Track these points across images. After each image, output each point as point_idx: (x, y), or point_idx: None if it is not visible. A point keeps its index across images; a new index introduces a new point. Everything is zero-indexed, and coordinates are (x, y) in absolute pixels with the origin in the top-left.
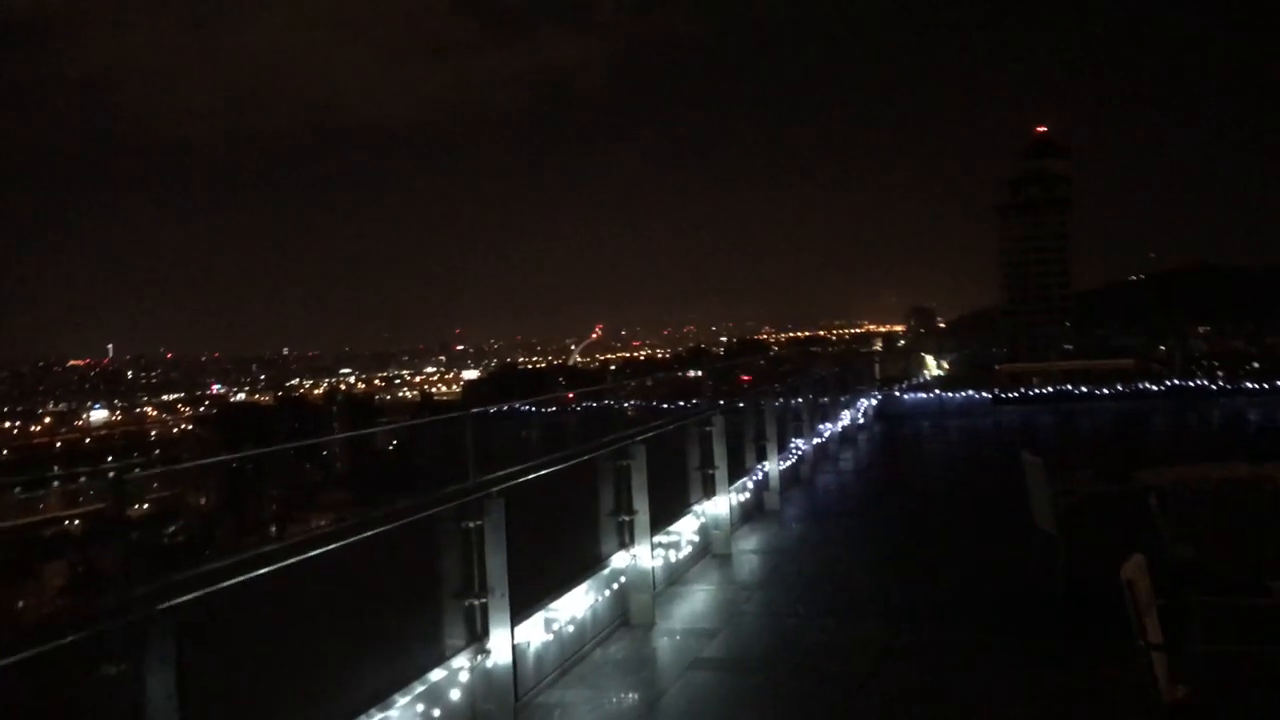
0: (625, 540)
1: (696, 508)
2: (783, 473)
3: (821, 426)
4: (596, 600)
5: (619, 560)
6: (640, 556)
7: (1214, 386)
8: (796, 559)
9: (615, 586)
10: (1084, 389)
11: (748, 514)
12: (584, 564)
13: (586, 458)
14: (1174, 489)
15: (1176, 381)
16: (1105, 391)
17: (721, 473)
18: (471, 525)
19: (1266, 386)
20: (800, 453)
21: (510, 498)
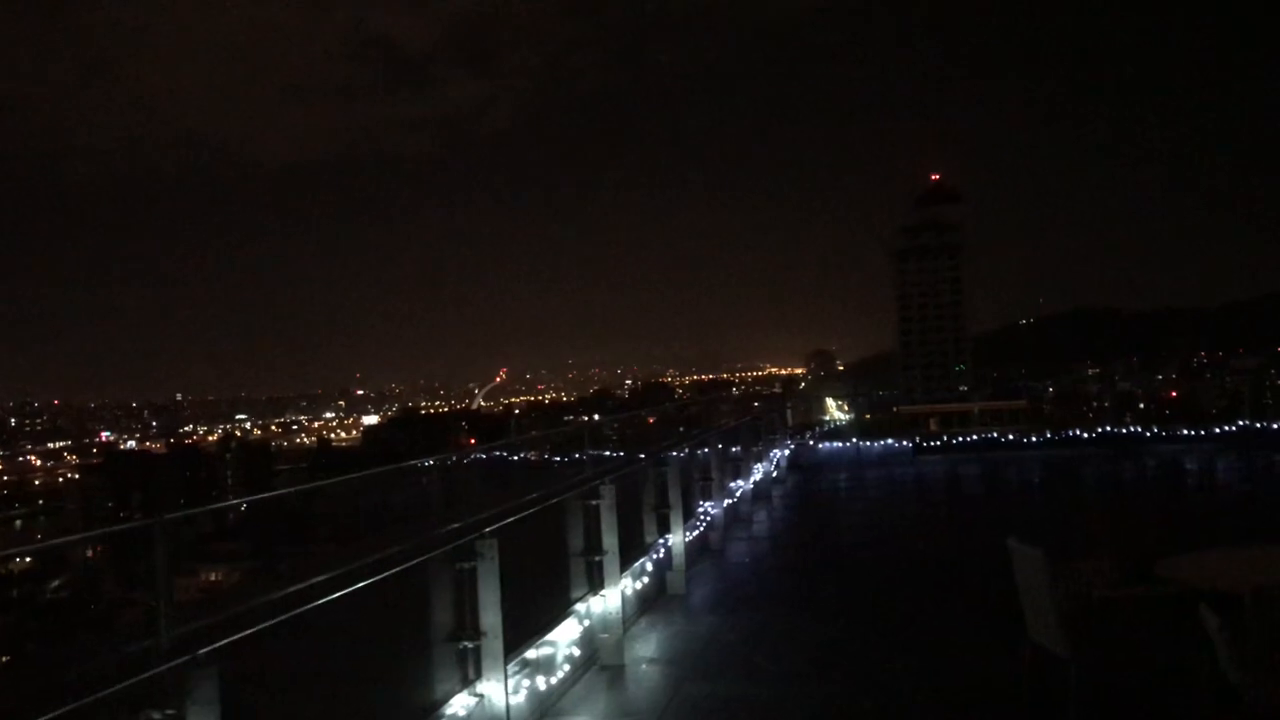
0: (469, 674)
1: (579, 607)
2: (689, 544)
3: (732, 484)
4: None
5: (458, 704)
6: (490, 694)
7: (1147, 433)
8: (707, 671)
9: None
10: (1010, 436)
11: (646, 603)
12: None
13: (396, 570)
14: (1254, 601)
15: (1108, 428)
16: (1033, 439)
17: (612, 556)
18: (158, 718)
19: (1202, 433)
20: (709, 518)
21: (237, 669)
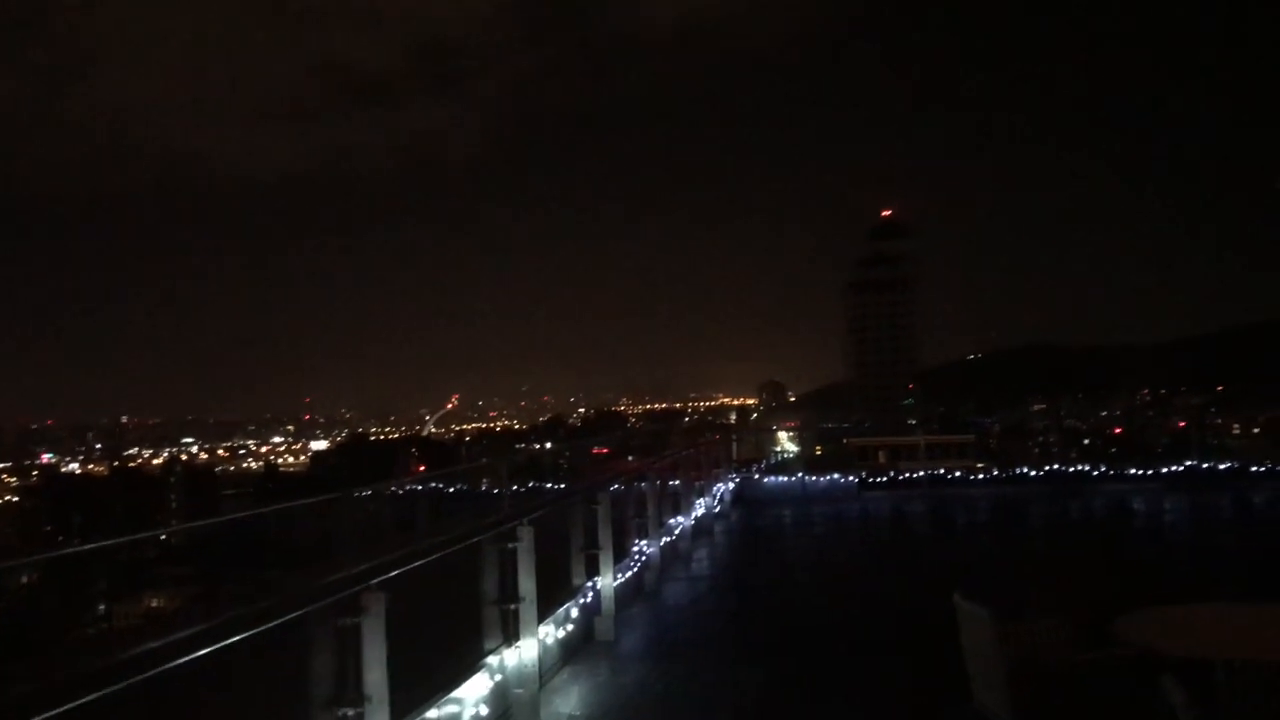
0: None
1: (491, 660)
2: (621, 586)
3: (672, 520)
4: None
5: None
6: None
7: (1094, 472)
8: None
9: None
10: (957, 473)
11: (570, 651)
12: None
13: (262, 629)
14: (1226, 675)
15: (1056, 466)
16: (980, 476)
17: (529, 604)
18: None
19: (1149, 472)
20: (645, 557)
21: None
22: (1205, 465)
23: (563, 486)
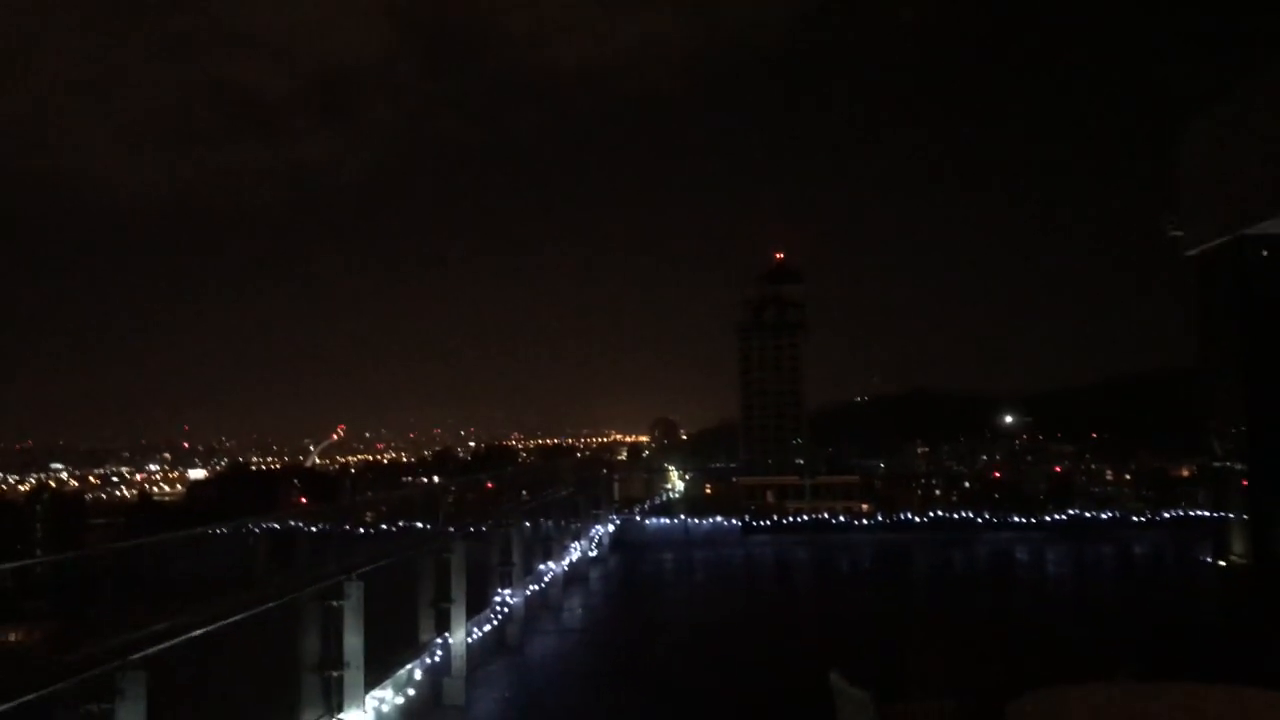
0: None
1: None
2: (478, 643)
3: (542, 566)
4: None
5: None
6: None
7: (978, 519)
8: None
9: None
10: (841, 518)
11: (416, 718)
12: None
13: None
14: None
15: (940, 512)
16: (864, 521)
17: (355, 670)
18: None
19: (1032, 520)
20: (508, 609)
21: None
22: (1088, 515)
23: (428, 527)
